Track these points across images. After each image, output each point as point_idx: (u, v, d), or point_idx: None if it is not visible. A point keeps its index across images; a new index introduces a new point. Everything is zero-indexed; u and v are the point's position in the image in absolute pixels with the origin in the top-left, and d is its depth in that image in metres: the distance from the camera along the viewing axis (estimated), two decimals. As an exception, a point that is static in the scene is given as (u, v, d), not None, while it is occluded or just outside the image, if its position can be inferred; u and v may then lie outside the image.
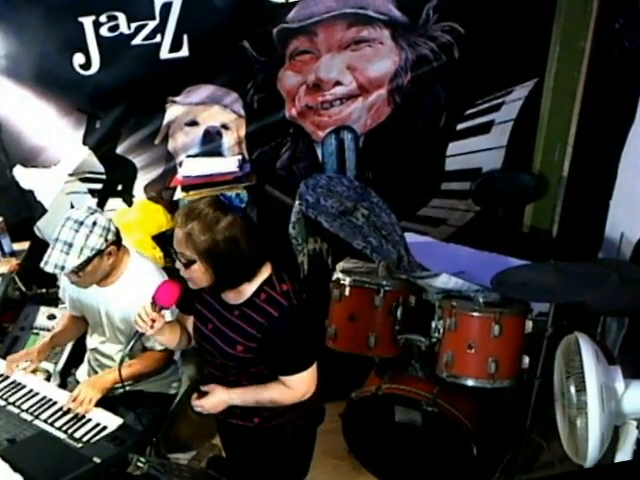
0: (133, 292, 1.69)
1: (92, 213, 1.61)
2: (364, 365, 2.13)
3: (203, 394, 1.39)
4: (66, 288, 1.84)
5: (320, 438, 1.56)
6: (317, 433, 1.56)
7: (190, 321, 1.48)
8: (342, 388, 2.03)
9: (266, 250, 1.32)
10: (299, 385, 1.36)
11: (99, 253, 1.59)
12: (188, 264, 1.26)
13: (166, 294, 1.36)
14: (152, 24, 2.34)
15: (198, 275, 1.28)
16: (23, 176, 2.60)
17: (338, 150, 2.75)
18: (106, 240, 1.60)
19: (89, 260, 1.58)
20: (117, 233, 1.66)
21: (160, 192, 2.71)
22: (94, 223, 1.58)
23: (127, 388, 1.77)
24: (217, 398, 1.38)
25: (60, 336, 1.91)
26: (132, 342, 1.40)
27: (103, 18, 2.31)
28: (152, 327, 1.35)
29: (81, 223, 1.57)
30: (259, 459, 1.52)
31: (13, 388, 1.71)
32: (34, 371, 1.82)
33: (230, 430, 1.52)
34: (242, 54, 2.45)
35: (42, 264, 1.57)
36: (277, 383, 1.36)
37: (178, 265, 1.29)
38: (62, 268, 1.56)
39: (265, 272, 1.33)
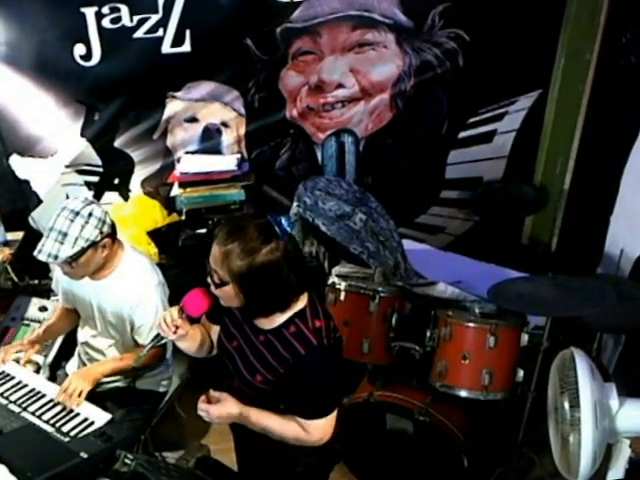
0: (126, 287, 1.68)
1: (89, 204, 1.59)
2: (357, 371, 2.09)
3: (212, 400, 1.29)
4: (59, 280, 1.82)
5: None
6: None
7: (215, 330, 1.41)
8: None
9: (306, 281, 1.24)
10: (316, 431, 1.27)
11: (93, 245, 1.58)
12: (220, 284, 1.19)
13: (196, 303, 1.29)
14: (155, 18, 2.33)
15: (229, 296, 1.21)
16: (19, 165, 2.59)
17: (338, 153, 2.74)
18: (101, 232, 1.58)
19: (83, 251, 1.56)
20: (113, 226, 1.64)
21: (157, 188, 2.69)
22: (90, 214, 1.57)
23: (118, 384, 1.78)
24: (227, 410, 1.27)
25: (53, 328, 1.90)
26: (151, 344, 1.35)
27: (106, 9, 2.30)
28: (175, 333, 1.28)
29: (77, 213, 1.56)
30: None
31: (2, 379, 1.69)
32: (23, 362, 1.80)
33: (245, 446, 1.45)
34: (245, 52, 2.44)
35: (36, 252, 1.55)
36: (293, 420, 1.27)
37: (210, 282, 1.23)
38: (55, 257, 1.54)
39: (300, 303, 1.24)
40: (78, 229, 1.54)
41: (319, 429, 1.27)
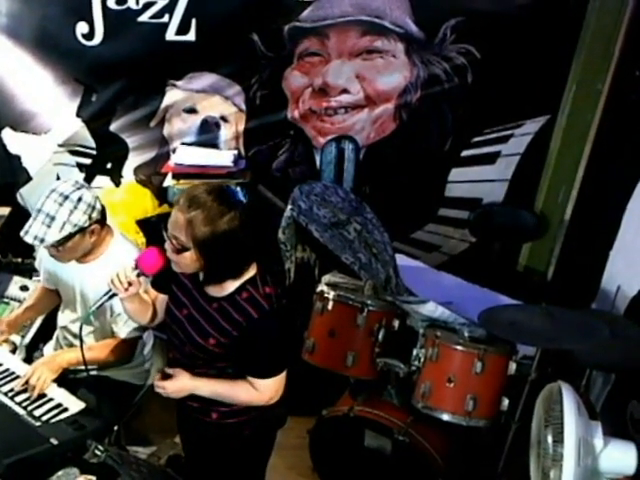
0: (111, 274, 1.61)
1: (79, 188, 1.57)
2: (339, 383, 2.07)
3: (167, 377, 1.35)
4: (42, 259, 1.80)
5: (286, 453, 1.58)
6: (277, 439, 1.53)
7: (161, 300, 1.45)
8: (313, 404, 1.97)
9: (256, 249, 1.32)
10: (267, 389, 1.35)
11: (81, 230, 1.56)
12: (180, 250, 1.25)
13: (150, 261, 1.32)
14: (161, 3, 2.32)
15: (187, 262, 1.26)
16: (11, 140, 2.57)
17: (337, 159, 2.70)
18: (90, 218, 1.57)
19: (70, 236, 1.55)
20: (102, 211, 1.63)
21: (150, 176, 2.66)
22: (79, 199, 1.55)
23: (92, 373, 1.74)
24: (181, 383, 1.35)
25: (32, 309, 1.88)
26: (102, 300, 1.37)
27: (112, -11, 2.30)
28: (126, 290, 1.33)
29: (66, 197, 1.54)
30: (215, 458, 1.49)
31: (-25, 358, 1.67)
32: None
33: (189, 425, 1.50)
34: (250, 47, 2.42)
35: (22, 233, 1.54)
36: (245, 382, 1.35)
37: (168, 247, 1.27)
38: (42, 241, 1.53)
39: (251, 271, 1.32)
40: (66, 214, 1.52)
41: (270, 388, 1.35)
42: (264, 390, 1.35)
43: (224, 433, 1.44)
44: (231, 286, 1.31)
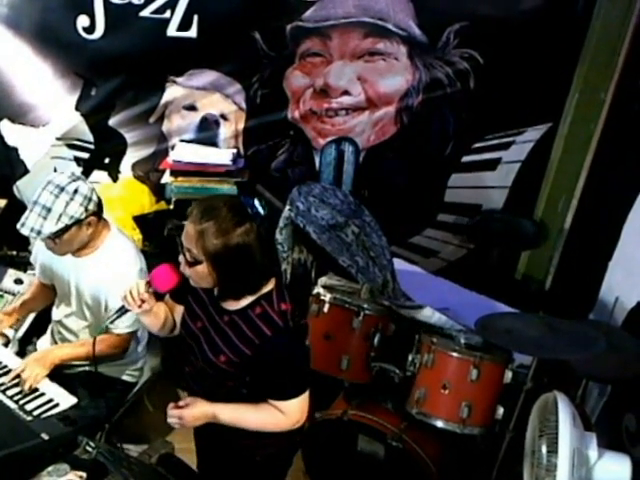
0: (106, 268, 1.64)
1: (75, 180, 1.56)
2: (333, 386, 2.03)
3: (181, 406, 1.27)
4: (38, 253, 1.79)
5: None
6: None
7: (179, 310, 1.41)
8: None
9: (275, 264, 1.28)
10: (293, 411, 1.27)
11: (78, 222, 1.55)
12: (193, 263, 1.20)
13: (164, 279, 1.28)
14: (163, -2, 2.32)
15: (201, 276, 1.21)
16: (9, 131, 2.55)
17: (337, 161, 2.69)
18: (86, 210, 1.55)
19: (67, 228, 1.54)
20: (99, 204, 1.61)
21: (148, 172, 2.65)
22: (76, 191, 1.54)
23: (85, 368, 1.75)
24: (200, 410, 1.26)
25: (28, 304, 1.86)
26: (115, 316, 1.35)
27: (115, -17, 2.29)
28: (140, 307, 1.29)
29: (62, 189, 1.53)
30: (229, 472, 1.44)
31: (-33, 351, 1.65)
32: None
33: (206, 440, 1.45)
34: (252, 45, 2.41)
35: (19, 225, 1.53)
36: (269, 406, 1.27)
37: (181, 259, 1.22)
38: (38, 233, 1.52)
39: (268, 286, 1.26)
40: (62, 205, 1.51)
41: (296, 409, 1.27)
42: (290, 412, 1.26)
43: (239, 454, 1.38)
44: (246, 300, 1.25)
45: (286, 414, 1.27)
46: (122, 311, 1.33)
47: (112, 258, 1.66)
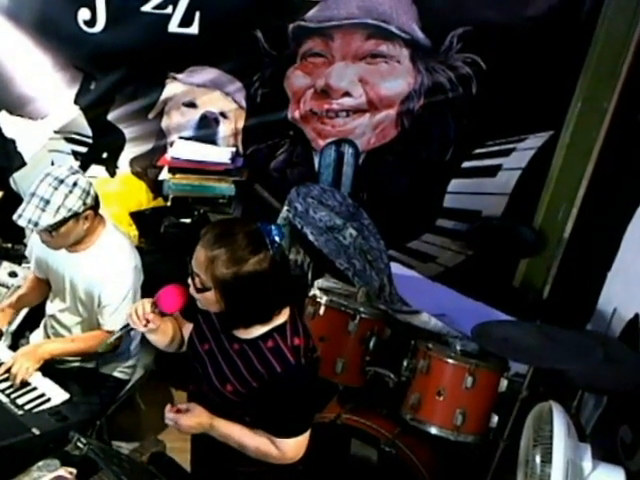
0: (101, 264, 1.64)
1: (74, 173, 1.56)
2: (327, 389, 2.01)
3: (180, 411, 1.24)
4: (34, 247, 1.78)
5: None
6: None
7: (188, 327, 1.36)
8: None
9: (290, 294, 1.22)
10: (288, 449, 1.24)
11: (75, 215, 1.55)
12: (202, 290, 1.16)
13: (171, 300, 1.25)
14: (165, -6, 2.31)
15: (209, 302, 1.18)
16: (7, 123, 2.53)
17: (336, 163, 2.67)
18: (84, 203, 1.55)
19: (64, 221, 1.53)
20: (96, 199, 1.61)
21: (146, 169, 2.63)
22: (75, 184, 1.53)
23: (77, 364, 1.74)
24: (198, 421, 1.22)
25: (24, 299, 1.85)
26: (119, 333, 1.33)
27: (116, -23, 2.28)
28: (145, 326, 1.25)
29: (61, 181, 1.52)
30: None
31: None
32: None
33: (202, 454, 1.40)
34: (253, 44, 2.40)
35: (15, 217, 1.52)
36: (265, 437, 1.24)
37: (190, 283, 1.18)
38: (36, 224, 1.51)
39: (282, 317, 1.21)
40: (61, 197, 1.51)
41: (292, 448, 1.24)
42: (284, 450, 1.23)
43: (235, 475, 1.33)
44: (258, 330, 1.20)
45: (280, 450, 1.23)
46: (127, 329, 1.29)
47: (107, 254, 1.65)
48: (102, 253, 1.65)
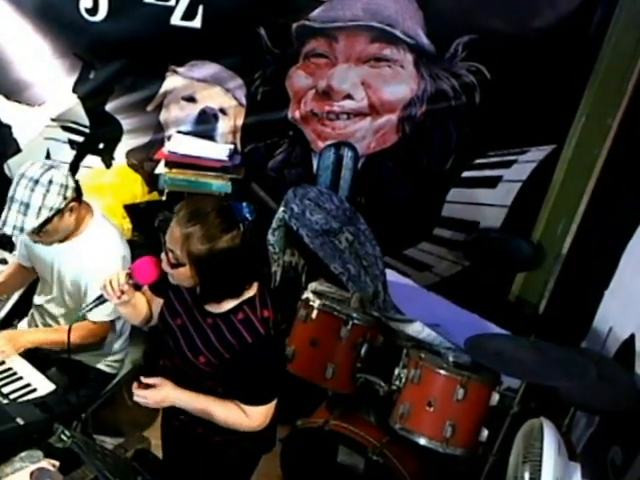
0: (88, 254, 1.62)
1: (48, 169, 1.52)
2: (316, 394, 2.00)
3: (148, 386, 1.27)
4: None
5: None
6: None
7: (157, 302, 1.41)
8: (289, 412, 1.83)
9: (259, 269, 1.29)
10: (258, 416, 1.31)
11: (59, 212, 1.52)
12: (175, 265, 1.20)
13: (146, 271, 1.29)
14: (169, -14, 2.30)
15: (182, 277, 1.22)
16: (3, 108, 2.52)
17: (335, 166, 2.65)
18: (65, 198, 1.53)
19: (48, 220, 1.51)
20: (77, 188, 1.58)
21: (142, 161, 2.61)
22: (50, 181, 1.50)
23: (64, 356, 1.68)
24: (164, 394, 1.27)
25: (4, 286, 1.83)
26: (92, 305, 1.34)
27: (120, -34, 2.27)
28: (119, 298, 1.29)
29: (36, 182, 1.49)
30: (195, 471, 1.44)
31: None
32: None
33: (173, 435, 1.47)
34: (256, 41, 2.38)
35: (0, 224, 1.51)
36: (235, 405, 1.30)
37: (163, 258, 1.23)
38: (21, 230, 1.50)
39: (251, 291, 1.28)
40: (40, 198, 1.48)
41: (261, 415, 1.30)
42: (253, 416, 1.29)
43: (208, 449, 1.38)
44: (229, 304, 1.26)
45: (250, 417, 1.29)
46: (100, 300, 1.31)
47: (94, 244, 1.63)
48: (90, 242, 1.63)
